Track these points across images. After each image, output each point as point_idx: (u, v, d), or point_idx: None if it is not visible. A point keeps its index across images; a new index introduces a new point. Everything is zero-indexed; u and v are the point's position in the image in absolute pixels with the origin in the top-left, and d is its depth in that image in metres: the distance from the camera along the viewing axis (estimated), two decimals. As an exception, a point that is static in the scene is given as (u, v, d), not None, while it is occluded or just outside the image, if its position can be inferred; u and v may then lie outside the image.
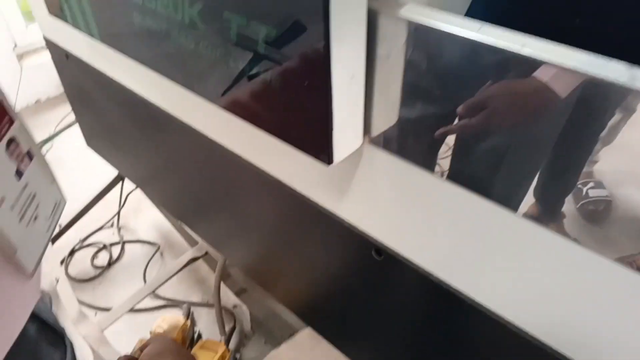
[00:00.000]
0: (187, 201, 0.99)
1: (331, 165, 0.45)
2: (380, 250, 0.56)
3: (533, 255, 0.42)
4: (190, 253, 1.41)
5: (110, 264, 1.64)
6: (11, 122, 0.32)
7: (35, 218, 0.35)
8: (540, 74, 0.34)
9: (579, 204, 0.39)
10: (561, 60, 0.33)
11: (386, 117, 0.46)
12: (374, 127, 0.48)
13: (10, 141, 0.32)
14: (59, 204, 0.39)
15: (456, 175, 0.44)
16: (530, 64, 0.34)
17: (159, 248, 1.67)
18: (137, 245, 1.70)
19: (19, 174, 0.33)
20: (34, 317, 0.42)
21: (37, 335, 0.50)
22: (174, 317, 1.40)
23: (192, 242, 1.49)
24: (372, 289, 0.63)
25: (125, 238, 1.72)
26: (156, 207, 1.62)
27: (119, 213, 1.76)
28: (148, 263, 1.62)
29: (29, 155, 0.34)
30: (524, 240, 0.42)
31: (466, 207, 0.44)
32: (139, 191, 1.72)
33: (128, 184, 1.65)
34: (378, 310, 0.65)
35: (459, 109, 0.40)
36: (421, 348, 0.63)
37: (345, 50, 0.39)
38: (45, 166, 0.37)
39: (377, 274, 0.60)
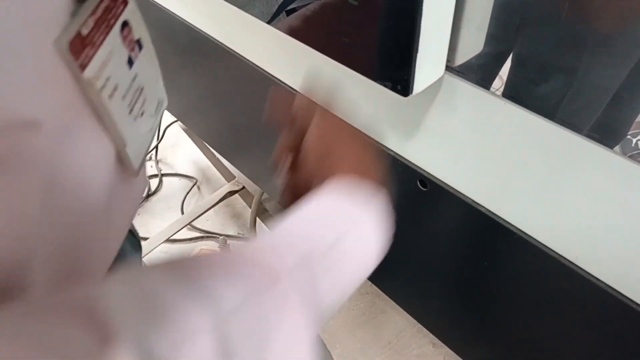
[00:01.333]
0: (228, 133, 0.98)
1: (407, 98, 0.42)
2: (426, 181, 0.55)
3: (595, 182, 0.40)
4: (227, 187, 1.43)
5: (149, 195, 1.68)
6: (126, 2, 0.28)
7: (142, 114, 0.31)
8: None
9: (627, 155, 0.37)
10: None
11: (472, 44, 0.42)
12: (457, 56, 0.44)
13: (125, 24, 0.28)
14: (162, 103, 0.35)
15: (531, 102, 0.41)
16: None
17: (196, 182, 1.70)
18: (175, 179, 1.73)
19: (130, 62, 0.29)
20: None
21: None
22: (210, 249, 1.45)
23: (229, 177, 1.51)
24: (414, 221, 0.62)
25: (163, 171, 1.75)
26: (194, 143, 1.63)
27: (157, 147, 1.78)
28: (185, 196, 1.65)
29: (139, 45, 0.31)
30: (587, 161, 0.40)
31: (535, 132, 0.42)
32: (176, 126, 1.73)
33: (165, 119, 1.66)
34: (417, 243, 0.64)
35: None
36: (460, 282, 0.62)
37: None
38: (153, 60, 0.33)
39: (420, 206, 0.59)
